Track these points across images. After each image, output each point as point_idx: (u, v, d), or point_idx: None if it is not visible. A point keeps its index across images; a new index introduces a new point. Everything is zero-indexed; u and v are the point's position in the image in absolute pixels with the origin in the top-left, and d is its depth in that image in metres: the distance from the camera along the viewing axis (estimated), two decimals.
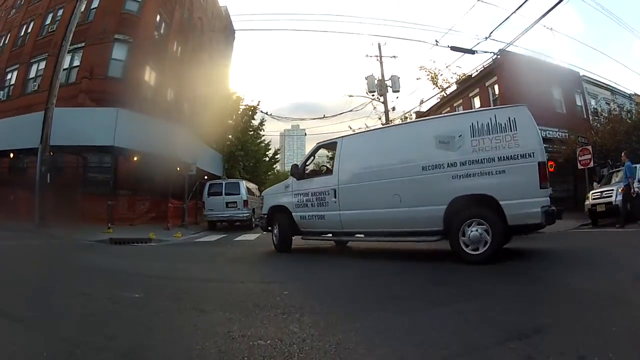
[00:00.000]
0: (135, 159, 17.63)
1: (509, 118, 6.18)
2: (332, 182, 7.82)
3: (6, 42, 24.87)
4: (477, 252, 5.95)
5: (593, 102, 26.14)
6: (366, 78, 25.09)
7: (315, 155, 9.07)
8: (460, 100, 28.69)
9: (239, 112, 27.11)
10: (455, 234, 6.13)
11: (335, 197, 7.70)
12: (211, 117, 27.54)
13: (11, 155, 17.83)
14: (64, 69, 20.12)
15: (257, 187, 22.73)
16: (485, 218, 5.95)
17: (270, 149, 37.99)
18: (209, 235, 15.34)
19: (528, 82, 19.59)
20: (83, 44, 20.52)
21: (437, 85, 28.00)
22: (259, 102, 28.39)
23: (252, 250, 9.94)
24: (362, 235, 7.99)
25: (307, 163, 8.90)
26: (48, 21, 22.33)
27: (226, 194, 17.71)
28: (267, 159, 39.11)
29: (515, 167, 5.97)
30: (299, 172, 8.64)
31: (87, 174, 18.46)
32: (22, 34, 24.05)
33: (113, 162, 18.29)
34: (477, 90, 26.36)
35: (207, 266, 7.60)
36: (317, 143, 9.13)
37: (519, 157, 5.97)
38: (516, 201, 5.85)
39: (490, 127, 6.26)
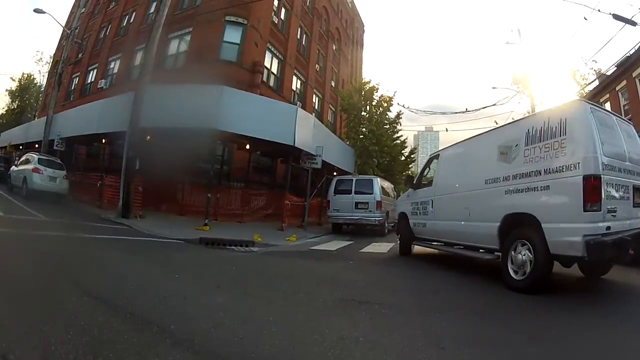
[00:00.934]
0: (247, 147, 15.33)
1: (561, 120, 5.16)
2: (431, 193, 8.05)
3: (107, 33, 26.26)
4: (519, 278, 5.19)
5: None
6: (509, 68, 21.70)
7: (430, 166, 8.95)
8: (624, 82, 19.98)
9: (374, 102, 23.78)
10: (504, 254, 5.51)
11: (432, 207, 7.91)
12: (343, 107, 24.89)
13: (103, 140, 17.01)
14: (171, 55, 20.09)
15: (392, 186, 19.02)
16: (530, 240, 5.14)
17: (406, 147, 34.11)
18: (330, 240, 12.10)
19: None
20: (191, 29, 19.76)
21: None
22: (394, 92, 24.35)
23: (384, 271, 7.14)
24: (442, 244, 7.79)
25: (425, 174, 9.11)
26: (151, 10, 22.30)
27: (356, 193, 14.51)
28: (403, 157, 35.33)
29: (559, 182, 4.98)
30: (414, 183, 9.27)
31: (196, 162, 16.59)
32: (124, 24, 25.06)
33: (226, 149, 16.18)
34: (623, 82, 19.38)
35: (297, 311, 3.97)
36: (430, 155, 9.48)
37: (564, 170, 4.94)
38: (557, 225, 4.84)
39: (542, 133, 5.39)
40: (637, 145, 5.60)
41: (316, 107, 26.79)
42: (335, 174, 17.41)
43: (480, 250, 6.37)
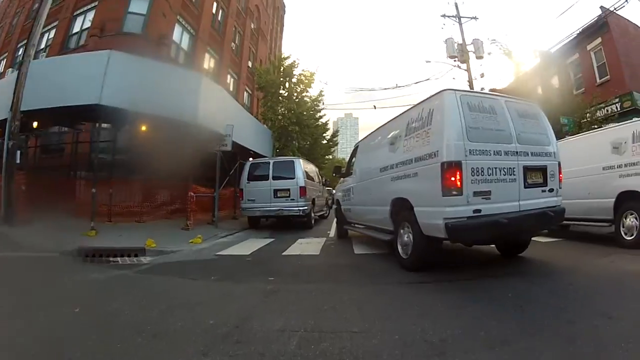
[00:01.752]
0: (143, 128, 12.49)
1: (430, 110, 5.52)
2: (352, 181, 8.87)
3: (19, 19, 22.61)
4: (405, 257, 5.81)
5: None
6: (445, 41, 21.68)
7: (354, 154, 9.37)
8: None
9: (293, 79, 21.62)
10: (395, 235, 6.17)
11: (352, 193, 8.72)
12: (259, 86, 22.40)
13: None
14: (74, 33, 17.67)
15: (317, 170, 16.90)
16: (410, 223, 5.68)
17: (329, 128, 32.42)
18: (245, 239, 9.94)
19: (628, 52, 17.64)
20: (96, 3, 17.31)
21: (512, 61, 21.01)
22: (317, 67, 22.43)
23: (325, 299, 4.18)
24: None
25: (351, 162, 9.47)
26: None
27: (274, 178, 12.23)
28: (325, 141, 33.59)
29: (424, 169, 5.37)
30: (343, 172, 10.22)
31: (90, 152, 13.54)
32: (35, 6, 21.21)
33: (117, 132, 13.20)
34: (575, 56, 20.37)
35: None
36: (355, 144, 9.71)
37: (427, 158, 5.32)
38: (424, 209, 5.33)
39: (416, 123, 5.83)
40: (532, 125, 5.72)
41: (231, 89, 24.02)
42: (251, 159, 15.03)
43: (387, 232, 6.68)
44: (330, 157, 44.75)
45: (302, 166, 12.61)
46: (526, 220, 5.18)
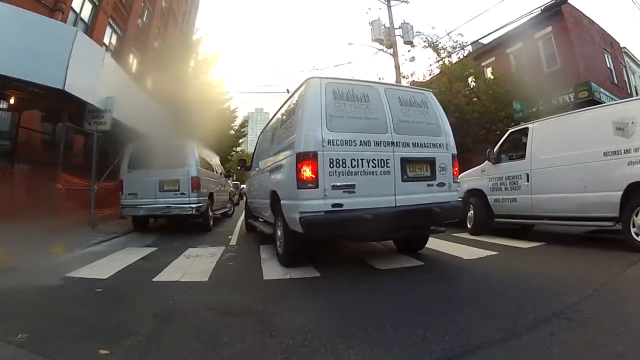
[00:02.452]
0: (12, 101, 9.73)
1: (297, 99, 5.38)
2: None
3: None
4: (280, 252, 5.68)
5: (632, 78, 23.49)
6: (371, 23, 20.34)
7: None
8: (492, 59, 22.23)
9: (198, 56, 19.07)
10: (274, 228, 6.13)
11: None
12: (158, 60, 19.46)
13: None
14: None
15: (217, 158, 14.62)
16: (281, 216, 5.39)
17: (236, 117, 30.01)
18: (121, 248, 7.68)
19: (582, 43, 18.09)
20: None
21: (437, 53, 19.87)
22: (222, 46, 19.97)
23: None
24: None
25: (254, 154, 8.98)
26: None
27: (160, 166, 9.86)
28: (233, 131, 31.10)
29: (286, 161, 5.25)
30: (246, 166, 9.78)
31: None
32: None
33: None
34: (518, 45, 20.46)
35: None
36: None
37: (288, 148, 5.20)
38: (286, 202, 5.18)
39: (287, 113, 5.83)
40: (418, 114, 5.41)
41: (134, 70, 20.55)
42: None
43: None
44: (239, 149, 41.93)
45: (196, 152, 10.27)
46: (401, 217, 4.88)
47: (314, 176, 4.57)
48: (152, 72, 19.95)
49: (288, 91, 30.96)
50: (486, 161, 8.86)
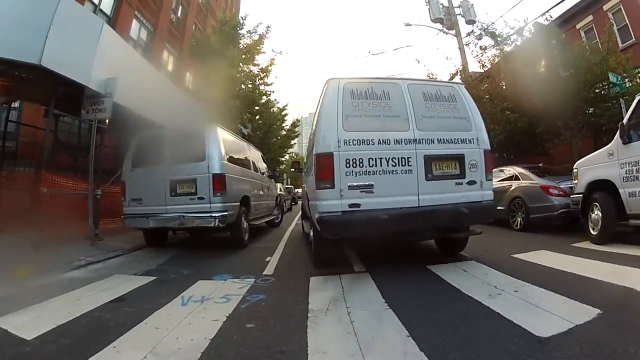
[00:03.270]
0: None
1: (319, 100, 5.42)
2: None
3: None
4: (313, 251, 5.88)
5: None
6: (427, 1, 18.19)
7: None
8: (589, 18, 17.31)
9: (239, 43, 16.72)
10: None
11: None
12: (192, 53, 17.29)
13: None
14: None
15: (258, 152, 11.35)
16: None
17: (286, 113, 27.46)
18: (110, 275, 5.29)
19: None
20: None
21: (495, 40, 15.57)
22: (267, 27, 17.26)
23: None
24: None
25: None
26: None
27: (172, 161, 7.23)
28: (284, 131, 28.58)
29: (311, 162, 5.52)
30: (299, 168, 9.06)
31: None
32: None
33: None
34: (588, 19, 16.73)
35: None
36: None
37: (312, 150, 5.46)
38: (312, 202, 5.36)
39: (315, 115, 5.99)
40: (445, 109, 5.08)
41: (170, 69, 18.40)
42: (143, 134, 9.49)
43: None
44: (291, 151, 39.26)
45: (221, 140, 7.46)
46: (424, 217, 4.60)
47: (330, 176, 4.51)
48: (189, 69, 17.80)
49: (370, 53, 28.62)
50: (615, 139, 6.36)
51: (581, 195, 6.95)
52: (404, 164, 4.63)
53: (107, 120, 7.90)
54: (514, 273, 4.38)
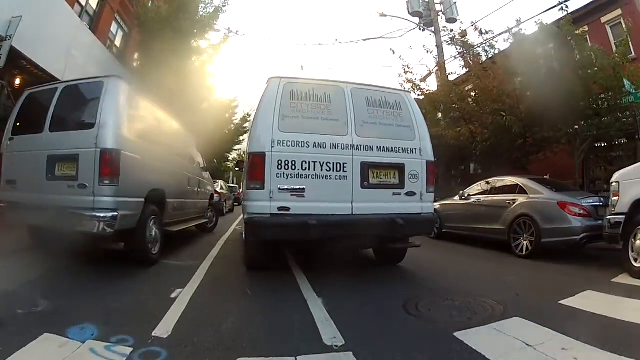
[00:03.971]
0: None
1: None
2: None
3: None
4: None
5: None
6: None
7: None
8: (618, 12, 15.87)
9: (189, 13, 14.81)
10: None
11: None
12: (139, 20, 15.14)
13: None
14: None
15: (189, 136, 9.07)
16: None
17: (236, 105, 25.83)
18: None
19: None
20: None
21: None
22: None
23: None
24: None
25: None
26: None
27: (54, 128, 5.06)
28: (233, 125, 26.79)
29: (247, 161, 5.03)
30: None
31: None
32: None
33: None
34: (616, 12, 15.08)
35: None
36: None
37: (248, 149, 5.24)
38: (244, 202, 5.06)
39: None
40: (388, 116, 4.96)
41: (118, 44, 16.14)
42: (31, 89, 6.51)
43: None
44: (241, 148, 35.10)
45: (124, 100, 5.21)
46: (356, 226, 4.55)
47: (260, 177, 4.36)
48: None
49: (302, 68, 27.35)
50: None
51: (623, 215, 5.56)
52: (339, 169, 4.53)
53: None
54: (580, 336, 3.02)
